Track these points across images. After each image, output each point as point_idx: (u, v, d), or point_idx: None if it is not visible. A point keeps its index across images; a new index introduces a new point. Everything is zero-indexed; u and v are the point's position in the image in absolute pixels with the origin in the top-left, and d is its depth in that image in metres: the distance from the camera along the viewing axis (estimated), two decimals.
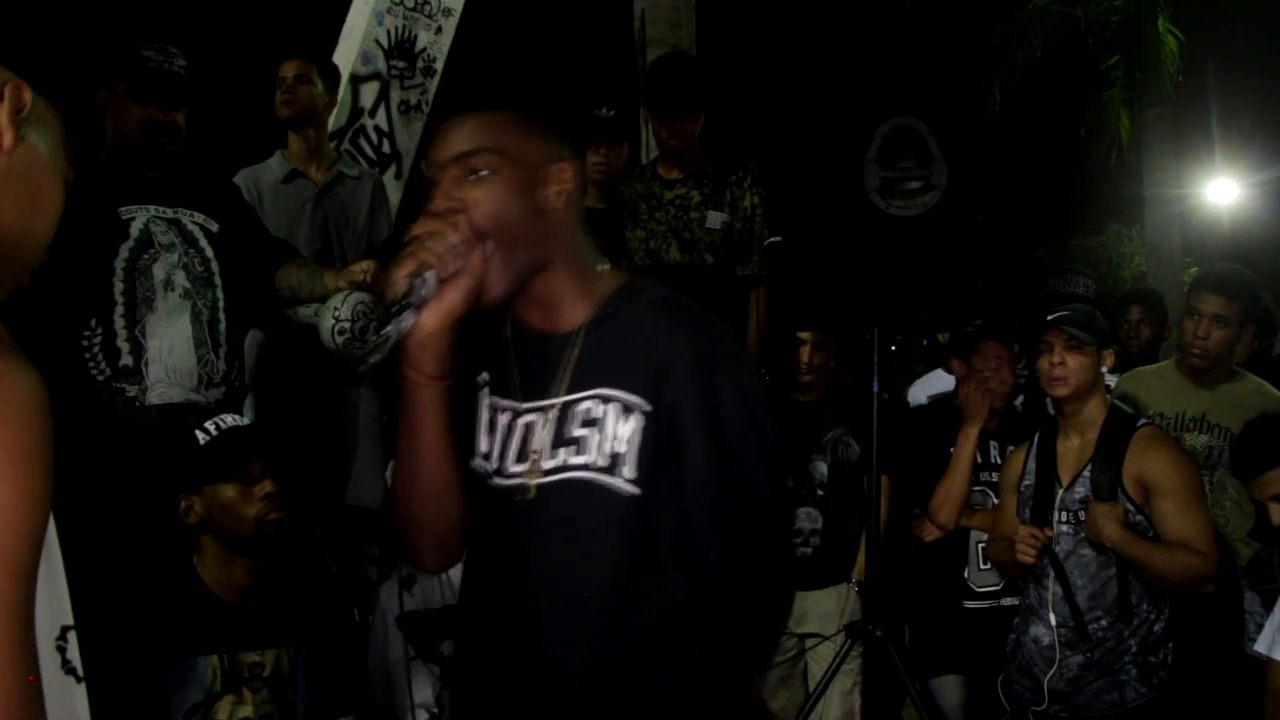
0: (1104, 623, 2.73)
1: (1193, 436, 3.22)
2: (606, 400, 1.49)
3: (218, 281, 2.86)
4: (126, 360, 2.70)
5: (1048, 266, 11.96)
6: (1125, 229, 16.22)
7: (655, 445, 1.47)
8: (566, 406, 1.51)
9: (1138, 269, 15.09)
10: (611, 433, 1.48)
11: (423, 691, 2.55)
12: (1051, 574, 2.78)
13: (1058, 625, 2.75)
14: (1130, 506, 2.71)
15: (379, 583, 2.68)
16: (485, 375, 1.59)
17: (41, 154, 1.06)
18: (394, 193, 4.49)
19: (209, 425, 2.35)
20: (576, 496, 1.48)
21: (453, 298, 1.41)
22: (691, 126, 3.62)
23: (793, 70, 13.00)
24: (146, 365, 2.71)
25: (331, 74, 3.86)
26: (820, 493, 3.44)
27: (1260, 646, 2.35)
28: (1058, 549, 2.78)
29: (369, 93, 4.52)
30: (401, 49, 4.59)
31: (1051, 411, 3.01)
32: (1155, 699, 2.70)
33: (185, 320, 2.77)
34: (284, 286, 2.98)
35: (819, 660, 3.34)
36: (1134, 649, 2.71)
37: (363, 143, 4.50)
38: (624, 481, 1.47)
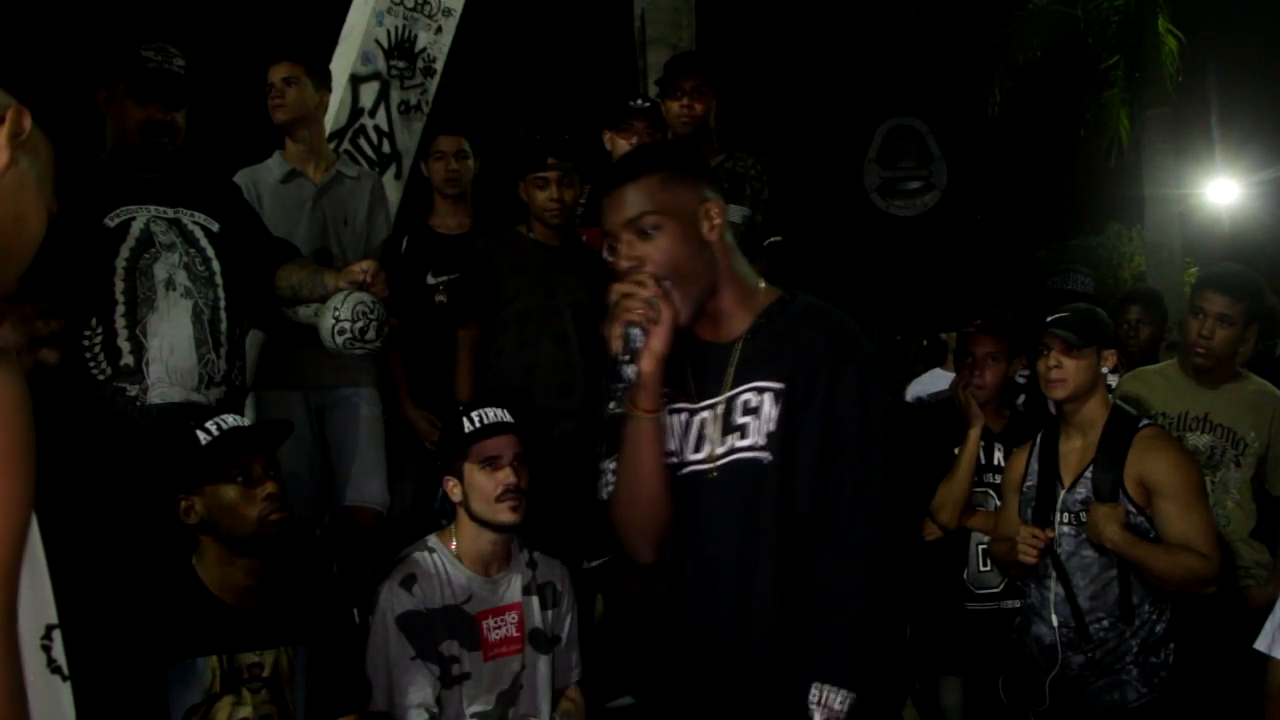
0: (1105, 623, 2.72)
1: (1195, 436, 3.22)
2: (761, 391, 1.81)
3: (219, 281, 2.86)
4: (127, 360, 2.69)
5: (1048, 266, 11.96)
6: (1125, 229, 16.22)
7: (788, 420, 1.78)
8: (730, 400, 1.83)
9: (1138, 269, 15.08)
10: (766, 416, 1.80)
11: (422, 691, 2.55)
12: (1053, 574, 2.78)
13: (1059, 626, 2.75)
14: (1132, 508, 2.71)
15: (379, 583, 2.68)
16: (667, 389, 1.86)
17: (30, 179, 1.13)
18: (394, 193, 4.48)
19: (210, 425, 2.34)
20: (748, 473, 1.80)
21: (657, 344, 1.76)
22: (702, 108, 3.65)
23: (793, 70, 13.00)
24: (147, 365, 2.70)
25: (321, 71, 3.85)
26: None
27: (1260, 645, 2.34)
28: (1059, 550, 2.78)
29: (369, 93, 4.52)
30: (401, 49, 4.59)
31: (1053, 412, 3.01)
32: (1156, 699, 2.70)
33: (186, 320, 2.77)
34: (284, 286, 2.98)
35: None
36: (1135, 649, 2.71)
37: (363, 143, 4.50)
38: (773, 454, 1.79)
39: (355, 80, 4.47)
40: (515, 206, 3.61)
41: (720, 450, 1.82)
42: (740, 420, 1.81)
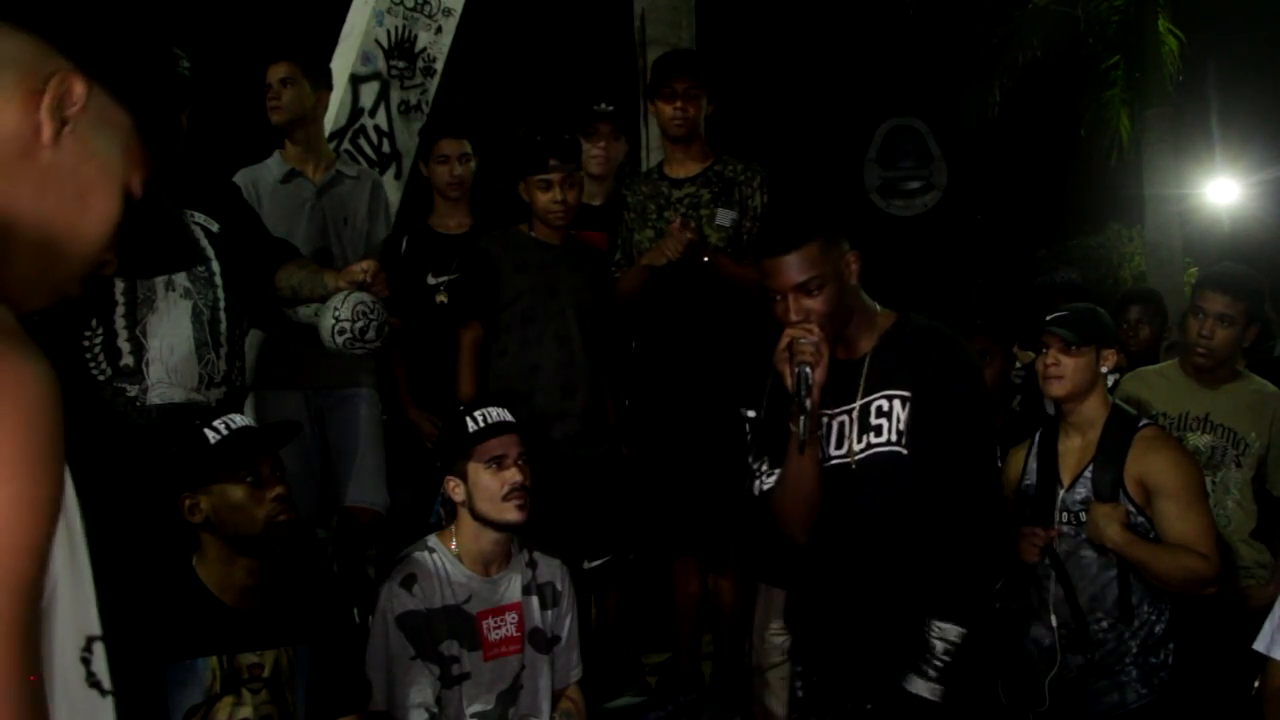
0: (1105, 624, 2.72)
1: (1195, 436, 3.22)
2: (891, 398, 2.24)
3: (218, 281, 2.86)
4: (127, 360, 2.69)
5: (1046, 267, 11.96)
6: (1125, 229, 16.19)
7: (914, 421, 2.21)
8: (864, 406, 2.27)
9: (1138, 269, 15.07)
10: (897, 417, 2.23)
11: (423, 691, 2.55)
12: (1053, 575, 2.78)
13: (1059, 626, 2.75)
14: (1131, 508, 2.71)
15: (379, 583, 2.68)
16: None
17: (96, 153, 0.98)
18: (394, 193, 4.48)
19: (219, 424, 2.34)
20: (882, 467, 2.24)
21: (820, 376, 2.17)
22: (694, 109, 3.64)
23: (793, 70, 12.99)
24: (147, 365, 2.70)
25: (318, 71, 3.84)
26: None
27: (1260, 646, 2.34)
28: (1059, 550, 2.77)
29: (369, 93, 4.52)
30: (401, 49, 4.59)
31: (1050, 411, 3.00)
32: (1156, 700, 2.70)
33: (186, 320, 2.76)
34: (284, 286, 2.98)
35: None
36: (1135, 650, 2.70)
37: (363, 143, 4.50)
38: (904, 449, 2.22)
39: (355, 80, 4.47)
40: (516, 206, 3.61)
41: (859, 447, 2.26)
42: (875, 422, 2.25)
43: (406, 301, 3.59)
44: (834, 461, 2.29)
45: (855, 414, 2.27)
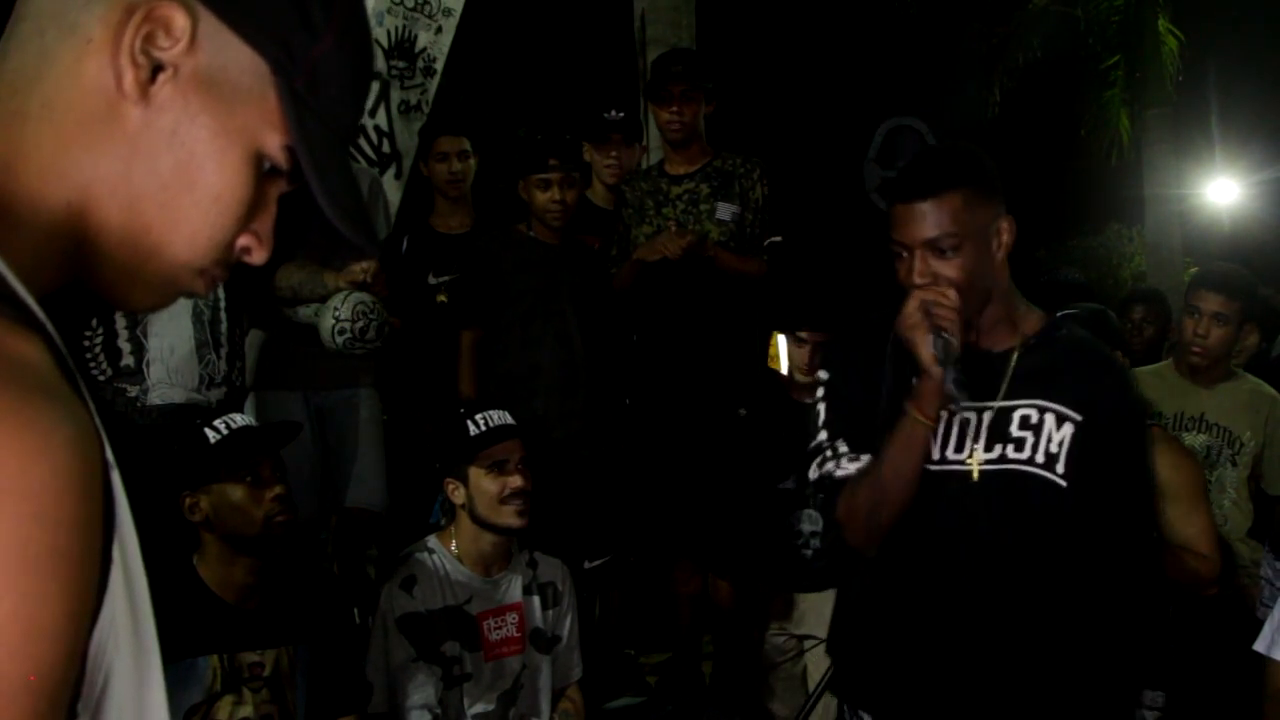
0: None
1: (1191, 436, 3.23)
2: (1044, 410, 1.84)
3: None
4: (128, 360, 2.70)
5: (1047, 267, 11.95)
6: (1125, 229, 16.21)
7: (1083, 450, 1.82)
8: (1004, 411, 1.86)
9: (1138, 269, 15.08)
10: (1048, 436, 1.83)
11: (425, 692, 2.55)
12: None
13: None
14: None
15: (379, 583, 2.68)
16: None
17: (205, 109, 0.73)
18: (394, 193, 4.48)
19: (219, 424, 2.34)
20: (1018, 486, 1.83)
21: (956, 351, 1.75)
22: (691, 113, 3.64)
23: (793, 70, 12.99)
24: (148, 365, 2.71)
25: None
26: (821, 495, 3.44)
27: (1260, 646, 2.34)
28: None
29: (369, 93, 4.52)
30: (401, 49, 4.59)
31: None
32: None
33: (186, 320, 2.77)
34: (284, 286, 2.98)
35: (817, 662, 3.34)
36: None
37: (362, 143, 4.50)
38: (1058, 477, 1.82)
39: None
40: (516, 206, 3.62)
41: (987, 456, 1.85)
42: (1017, 433, 1.85)
43: (407, 301, 3.59)
44: (949, 466, 1.87)
45: (989, 416, 1.86)
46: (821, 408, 1.98)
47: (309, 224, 0.80)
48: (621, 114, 3.92)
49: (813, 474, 1.97)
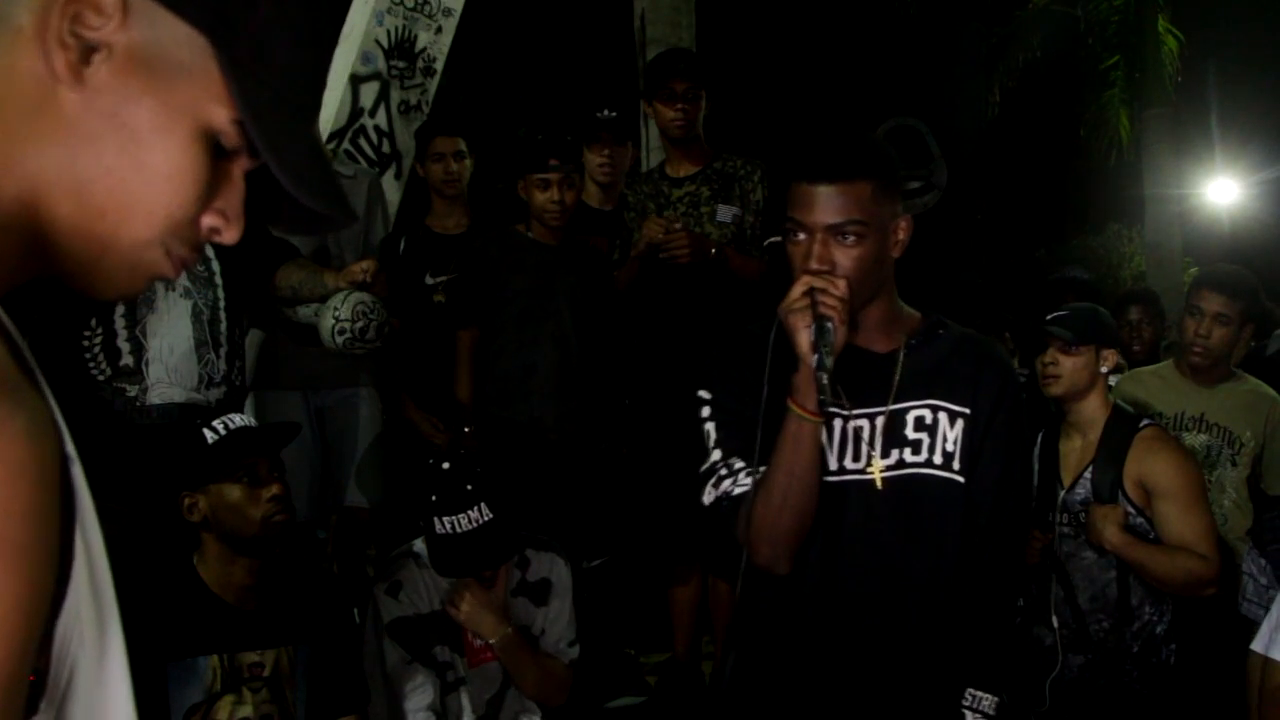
0: (1105, 624, 2.72)
1: (1192, 436, 3.23)
2: (936, 409, 1.82)
3: (218, 281, 2.86)
4: (127, 360, 2.70)
5: (1048, 267, 11.96)
6: (1125, 229, 16.20)
7: (971, 443, 1.82)
8: (896, 414, 1.82)
9: (1138, 269, 15.07)
10: (943, 434, 1.82)
11: (425, 693, 2.55)
12: (1053, 575, 2.78)
13: (1059, 627, 2.75)
14: (1131, 509, 2.71)
15: (372, 586, 2.68)
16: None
17: (147, 90, 0.71)
18: (394, 193, 4.48)
19: (217, 424, 2.34)
20: (920, 489, 1.81)
21: (839, 343, 1.69)
22: (694, 111, 3.64)
23: (793, 70, 12.99)
24: (147, 365, 2.71)
25: None
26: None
27: (1258, 646, 2.34)
28: (1059, 550, 2.78)
29: (369, 93, 4.52)
30: (401, 49, 4.59)
31: (1051, 408, 3.01)
32: (1157, 700, 2.70)
33: (186, 320, 2.77)
34: (284, 286, 2.98)
35: None
36: (1136, 651, 2.71)
37: (362, 143, 4.50)
38: (955, 474, 1.81)
39: (355, 80, 4.47)
40: (514, 206, 3.62)
41: (886, 462, 1.81)
42: (912, 435, 1.82)
43: (405, 301, 3.59)
44: (849, 476, 1.81)
45: (882, 421, 1.82)
46: (709, 427, 1.89)
47: (280, 198, 0.77)
48: (614, 113, 3.92)
49: (707, 498, 1.87)
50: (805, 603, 1.83)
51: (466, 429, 3.46)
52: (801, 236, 1.76)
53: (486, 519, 2.54)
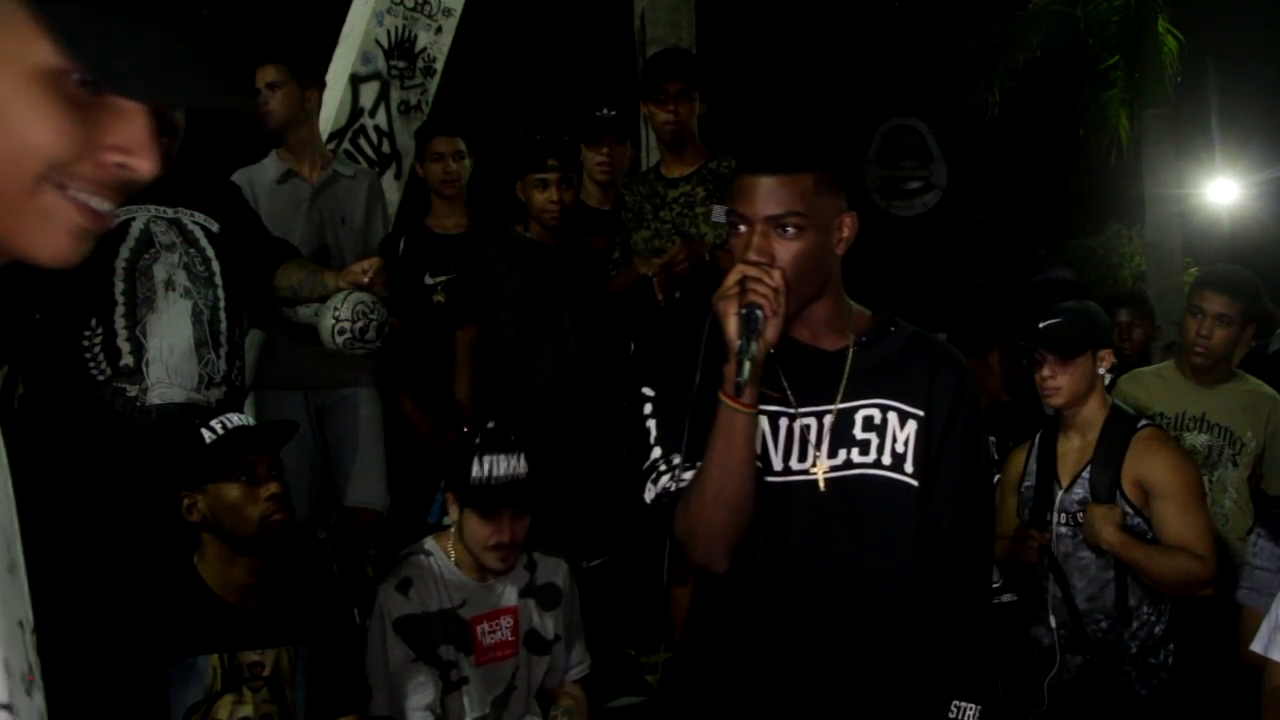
0: (1103, 625, 2.73)
1: (1193, 436, 3.23)
2: (886, 409, 1.78)
3: (219, 281, 2.86)
4: (127, 360, 2.70)
5: (1046, 267, 11.94)
6: (1125, 229, 16.18)
7: (927, 446, 1.77)
8: (845, 413, 1.78)
9: (1138, 269, 15.07)
10: (893, 435, 1.77)
11: (425, 693, 2.55)
12: (1051, 575, 2.78)
13: (1057, 627, 2.75)
14: (1129, 509, 2.71)
15: (377, 584, 2.68)
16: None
17: None
18: (394, 193, 4.49)
19: (215, 424, 2.35)
20: (867, 490, 1.76)
21: (771, 335, 1.65)
22: (686, 112, 3.64)
23: (793, 70, 12.99)
24: (147, 365, 2.71)
25: (307, 70, 3.82)
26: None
27: (1257, 646, 2.34)
28: (1057, 551, 2.78)
29: (369, 93, 4.52)
30: (401, 49, 4.60)
31: (1049, 412, 3.01)
32: (1156, 701, 2.70)
33: (186, 320, 2.77)
34: (284, 286, 2.99)
35: None
36: (1134, 651, 2.71)
37: (363, 143, 4.50)
38: (907, 477, 1.77)
39: (355, 80, 4.47)
40: (513, 206, 3.62)
41: (831, 462, 1.77)
42: (860, 435, 1.78)
43: (404, 301, 3.59)
44: (793, 477, 1.77)
45: (830, 420, 1.78)
46: (651, 424, 1.85)
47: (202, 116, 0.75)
48: (613, 112, 3.92)
49: (648, 495, 1.83)
50: (754, 605, 1.79)
51: (466, 429, 3.46)
52: (743, 229, 1.74)
53: (522, 473, 2.53)
